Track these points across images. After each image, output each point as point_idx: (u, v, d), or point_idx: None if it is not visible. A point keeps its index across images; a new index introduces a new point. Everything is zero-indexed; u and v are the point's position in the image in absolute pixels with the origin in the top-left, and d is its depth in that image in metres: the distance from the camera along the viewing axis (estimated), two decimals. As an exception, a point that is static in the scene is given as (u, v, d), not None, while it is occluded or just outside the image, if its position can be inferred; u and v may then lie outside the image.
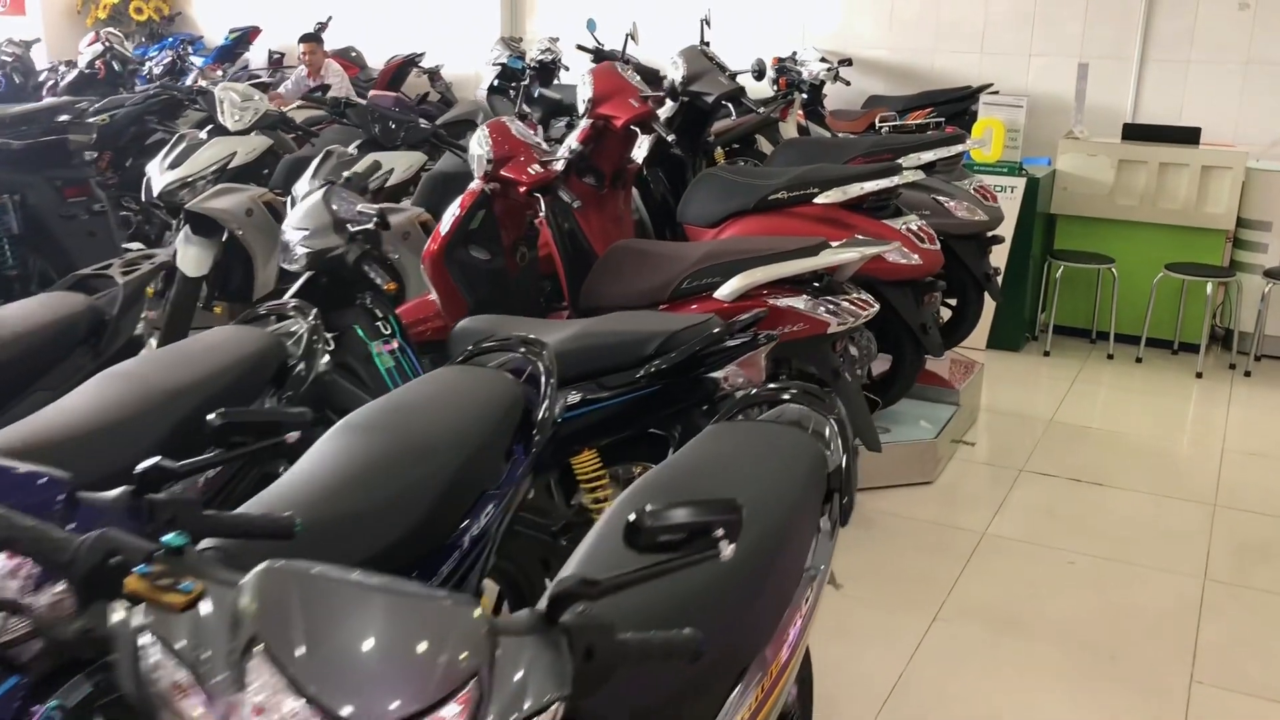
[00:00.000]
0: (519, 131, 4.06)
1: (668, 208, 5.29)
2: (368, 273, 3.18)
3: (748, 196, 4.39)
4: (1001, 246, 5.88)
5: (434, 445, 2.03)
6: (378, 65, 10.41)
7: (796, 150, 5.11)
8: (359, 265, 3.19)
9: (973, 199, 4.80)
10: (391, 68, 10.18)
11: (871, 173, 4.24)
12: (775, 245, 3.78)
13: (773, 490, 1.82)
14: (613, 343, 2.77)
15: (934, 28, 8.45)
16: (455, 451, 2.04)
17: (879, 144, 4.90)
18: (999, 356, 6.13)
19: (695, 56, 5.23)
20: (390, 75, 10.17)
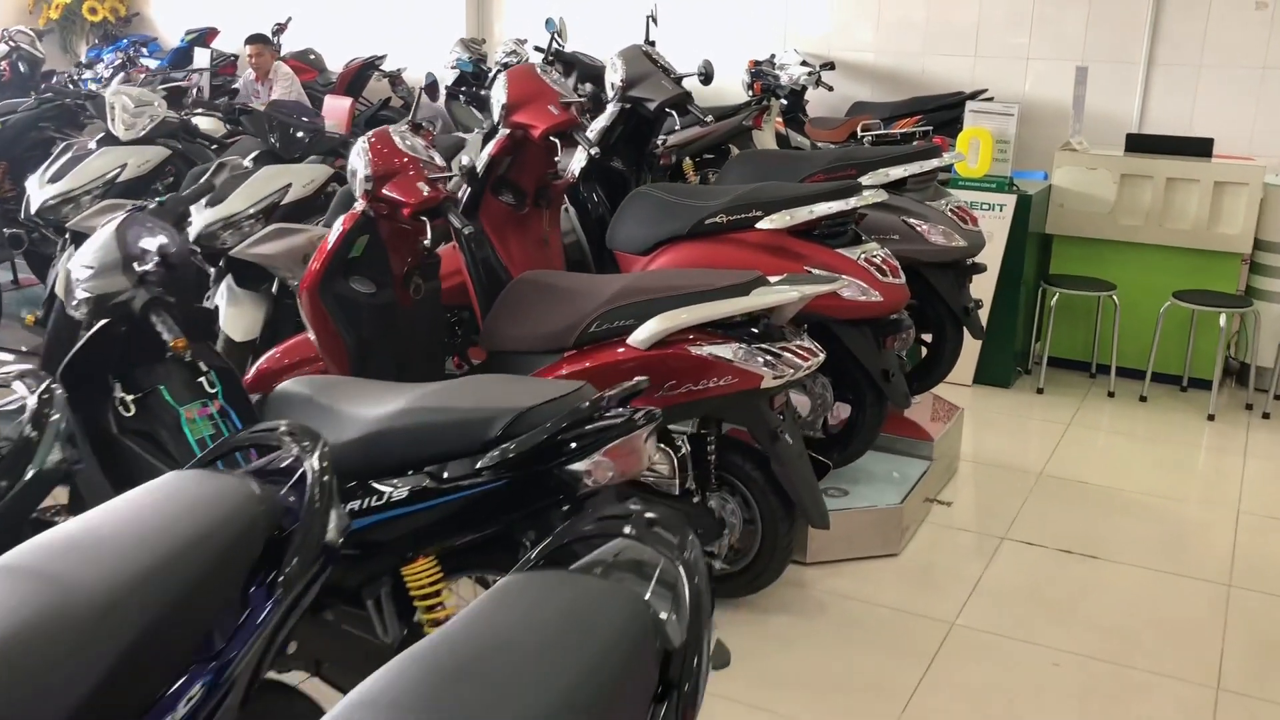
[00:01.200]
0: (406, 144, 3.44)
1: (607, 229, 4.67)
2: (155, 324, 2.54)
3: (682, 220, 3.76)
4: (989, 271, 5.26)
5: (109, 601, 1.40)
6: (339, 68, 9.81)
7: (750, 164, 4.48)
8: (146, 313, 2.55)
9: (950, 222, 4.16)
10: (350, 71, 9.59)
11: (825, 193, 3.61)
12: (704, 281, 3.15)
13: (566, 701, 1.19)
14: (448, 422, 2.14)
15: (923, 29, 7.82)
16: (137, 611, 1.42)
17: (842, 158, 4.27)
18: (986, 394, 5.49)
19: (636, 58, 4.61)
20: (349, 79, 9.58)
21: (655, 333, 3.06)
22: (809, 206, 3.55)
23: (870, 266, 3.59)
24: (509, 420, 2.10)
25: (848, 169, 4.21)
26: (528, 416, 2.10)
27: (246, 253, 4.44)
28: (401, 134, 3.47)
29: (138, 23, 11.51)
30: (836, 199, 3.58)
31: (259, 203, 4.47)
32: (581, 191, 4.62)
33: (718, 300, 3.05)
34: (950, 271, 4.24)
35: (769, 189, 3.74)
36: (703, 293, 3.08)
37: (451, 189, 3.93)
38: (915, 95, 7.64)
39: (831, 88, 7.81)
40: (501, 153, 4.01)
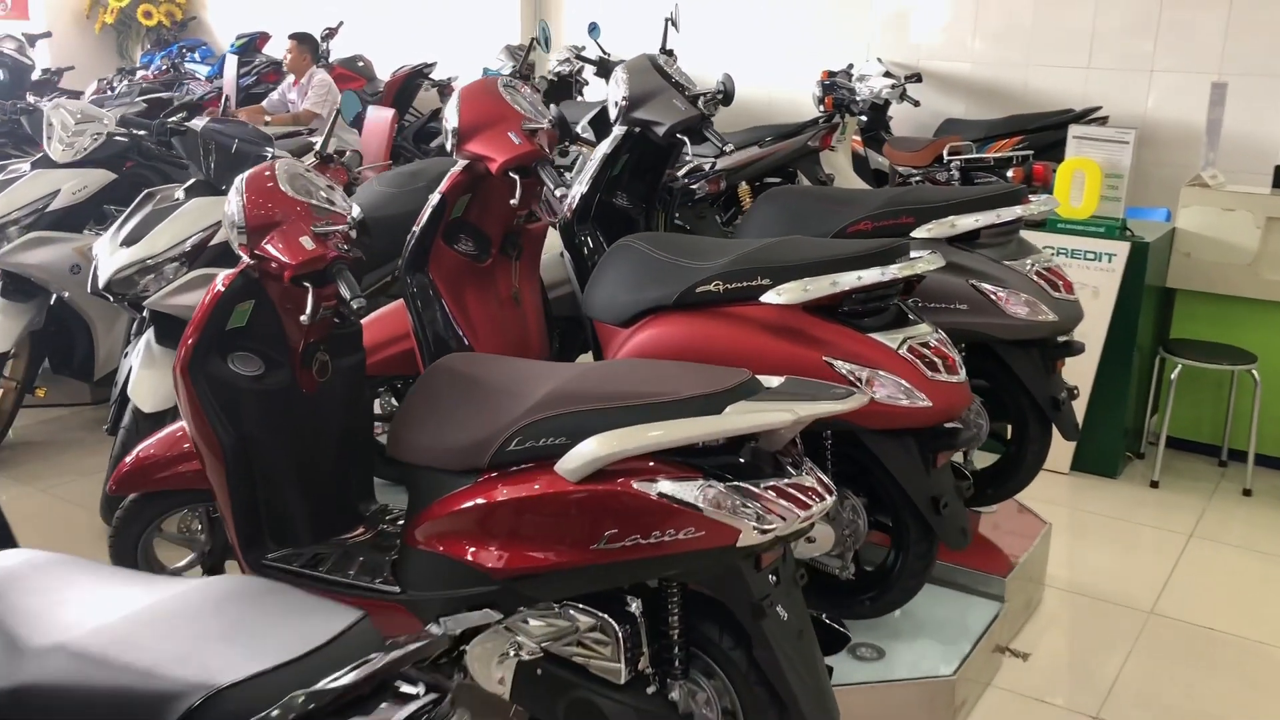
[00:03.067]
0: (293, 185, 2.62)
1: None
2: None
3: (669, 284, 2.86)
4: (1093, 333, 4.23)
5: None
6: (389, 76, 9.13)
7: (780, 206, 3.54)
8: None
9: (1035, 288, 3.17)
10: (397, 80, 8.88)
11: (858, 256, 2.66)
12: (670, 384, 2.24)
13: None
14: (92, 696, 1.27)
15: (1028, 36, 6.75)
16: None
17: (896, 201, 3.30)
18: (1085, 486, 4.45)
19: (642, 71, 3.71)
20: (396, 88, 8.87)
21: (589, 461, 2.16)
22: (832, 277, 2.61)
23: (917, 359, 2.64)
24: (192, 707, 1.22)
25: (902, 215, 3.26)
26: (222, 701, 1.22)
27: (164, 304, 3.69)
28: (291, 174, 2.65)
29: (194, 27, 11.05)
30: (873, 264, 2.64)
31: (182, 242, 3.72)
32: (578, 235, 3.75)
33: (679, 419, 2.14)
34: (1036, 352, 3.25)
35: (786, 246, 2.82)
36: (663, 404, 2.17)
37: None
38: (1016, 113, 6.59)
39: (918, 103, 6.79)
40: (455, 190, 3.16)
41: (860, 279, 2.59)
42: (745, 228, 3.55)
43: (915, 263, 2.67)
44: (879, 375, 2.61)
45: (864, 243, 2.75)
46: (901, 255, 2.71)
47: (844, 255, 2.66)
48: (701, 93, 3.69)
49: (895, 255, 2.69)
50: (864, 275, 2.60)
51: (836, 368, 2.62)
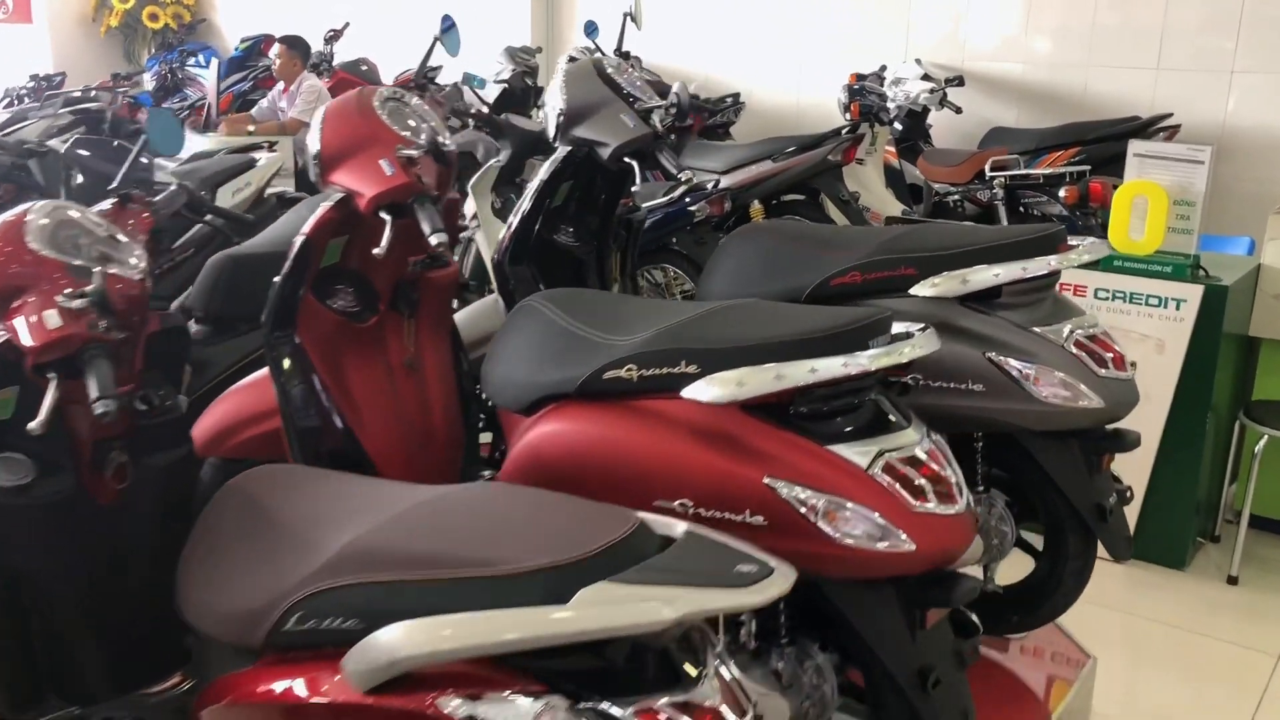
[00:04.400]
0: (43, 237, 1.95)
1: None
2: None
3: (573, 365, 2.14)
4: (1158, 396, 3.46)
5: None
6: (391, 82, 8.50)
7: (753, 249, 2.79)
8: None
9: (1076, 364, 2.40)
10: (400, 85, 8.25)
11: (814, 339, 1.92)
12: (521, 540, 1.53)
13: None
14: None
15: (1089, 33, 5.94)
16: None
17: (895, 244, 2.54)
18: (1145, 580, 3.65)
19: (584, 78, 2.99)
20: (400, 94, 8.22)
21: (380, 665, 1.46)
22: (776, 367, 1.87)
23: (897, 484, 1.89)
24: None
25: (901, 265, 2.50)
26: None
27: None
28: (42, 219, 1.98)
29: (204, 30, 10.54)
30: (837, 348, 1.90)
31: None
32: (511, 279, 3.05)
33: (510, 610, 1.42)
34: (1075, 446, 2.48)
35: (727, 318, 2.08)
36: (496, 580, 1.46)
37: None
38: (1073, 120, 5.76)
39: (960, 109, 6.00)
40: (324, 231, 2.48)
41: (814, 372, 1.85)
42: (707, 278, 2.82)
43: (896, 349, 1.92)
44: (842, 507, 1.87)
45: (832, 316, 2.00)
46: (879, 332, 1.97)
47: (798, 335, 1.92)
48: (657, 105, 2.96)
49: (872, 333, 1.95)
50: (820, 367, 1.85)
51: (781, 493, 1.88)
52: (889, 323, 2.00)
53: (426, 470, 2.71)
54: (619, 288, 3.20)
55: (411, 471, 2.66)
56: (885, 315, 1.99)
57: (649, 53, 7.60)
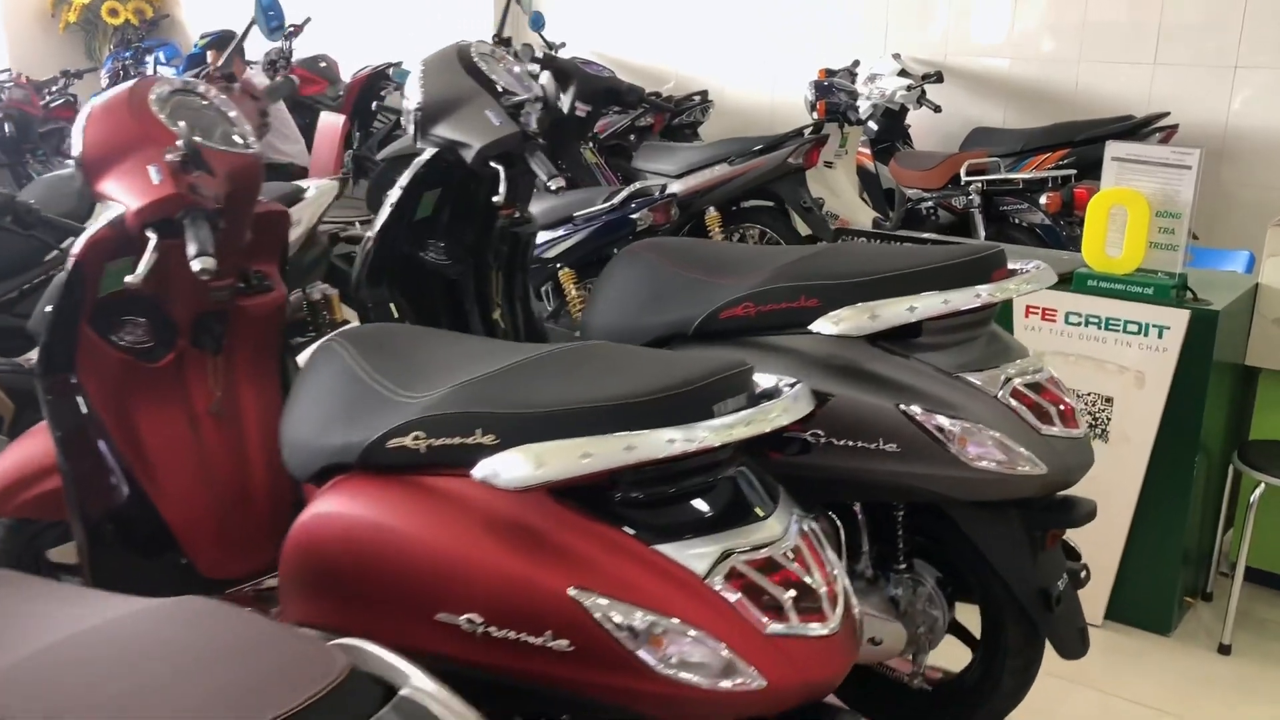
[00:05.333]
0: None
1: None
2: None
3: (358, 428, 1.68)
4: (1139, 438, 3.00)
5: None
6: (354, 79, 8.10)
7: (641, 270, 2.32)
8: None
9: (1012, 421, 1.94)
10: (357, 83, 7.87)
11: (645, 402, 1.46)
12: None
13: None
14: None
15: (1079, 26, 5.46)
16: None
17: (793, 272, 2.08)
18: (1126, 648, 3.17)
19: (446, 69, 2.54)
20: (357, 92, 7.86)
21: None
22: (582, 443, 1.41)
23: (748, 600, 1.43)
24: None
25: (800, 295, 2.04)
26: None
27: None
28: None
29: (167, 26, 10.14)
30: (673, 414, 1.44)
31: None
32: (368, 303, 2.60)
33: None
34: (1015, 519, 2.01)
35: (550, 368, 1.62)
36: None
37: None
38: (1063, 120, 5.28)
39: (938, 108, 5.53)
40: (99, 252, 2.04)
41: (631, 450, 1.39)
42: (589, 307, 2.36)
43: (745, 420, 1.46)
44: (669, 631, 1.41)
45: (675, 370, 1.54)
46: (731, 392, 1.51)
47: (621, 399, 1.46)
48: (527, 98, 2.50)
49: (719, 394, 1.49)
50: (638, 443, 1.39)
51: (590, 609, 1.42)
52: (745, 379, 1.55)
53: (242, 540, 2.27)
54: (501, 313, 2.74)
55: (223, 541, 2.22)
56: (738, 370, 1.53)
57: (612, 48, 7.16)
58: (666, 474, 1.47)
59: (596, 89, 5.38)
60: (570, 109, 5.42)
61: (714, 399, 1.48)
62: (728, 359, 1.56)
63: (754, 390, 1.58)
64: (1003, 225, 4.75)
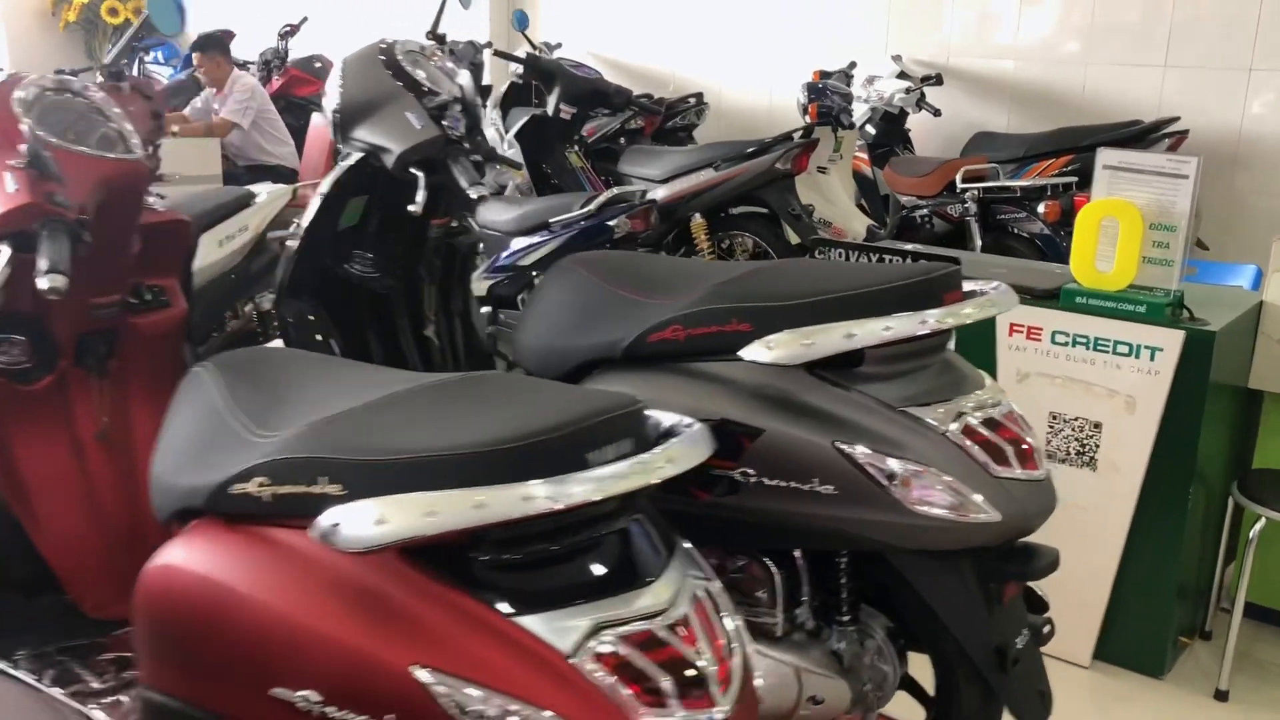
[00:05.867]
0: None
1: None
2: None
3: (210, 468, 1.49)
4: (1131, 463, 2.80)
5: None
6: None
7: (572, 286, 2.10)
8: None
9: (962, 461, 1.73)
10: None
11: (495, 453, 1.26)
12: None
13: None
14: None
15: (1087, 26, 5.24)
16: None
17: (726, 293, 1.88)
18: (1115, 692, 2.96)
19: (368, 67, 2.35)
20: (351, 93, 7.66)
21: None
22: (428, 498, 1.22)
23: (620, 684, 1.23)
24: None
25: (731, 319, 1.84)
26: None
27: None
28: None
29: (166, 25, 10.02)
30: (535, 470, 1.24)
31: None
32: (287, 319, 2.42)
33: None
34: (968, 569, 1.81)
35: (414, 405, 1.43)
36: None
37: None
38: (1069, 124, 5.06)
39: (938, 111, 5.32)
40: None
41: (481, 509, 1.20)
42: (519, 326, 2.17)
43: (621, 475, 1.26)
44: (523, 717, 1.21)
45: (566, 404, 1.35)
46: (611, 438, 1.32)
47: (478, 447, 1.27)
48: (451, 100, 2.30)
49: (594, 441, 1.30)
50: (490, 502, 1.20)
51: (436, 692, 1.23)
52: (632, 421, 1.36)
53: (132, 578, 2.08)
54: (435, 330, 2.55)
55: (110, 580, 2.04)
56: (623, 411, 1.34)
57: (610, 49, 6.98)
58: (533, 533, 1.28)
59: (582, 90, 5.20)
60: (555, 111, 5.29)
61: (589, 446, 1.28)
62: (614, 398, 1.36)
63: (645, 433, 1.39)
64: (1000, 235, 4.53)
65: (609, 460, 1.28)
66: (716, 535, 1.87)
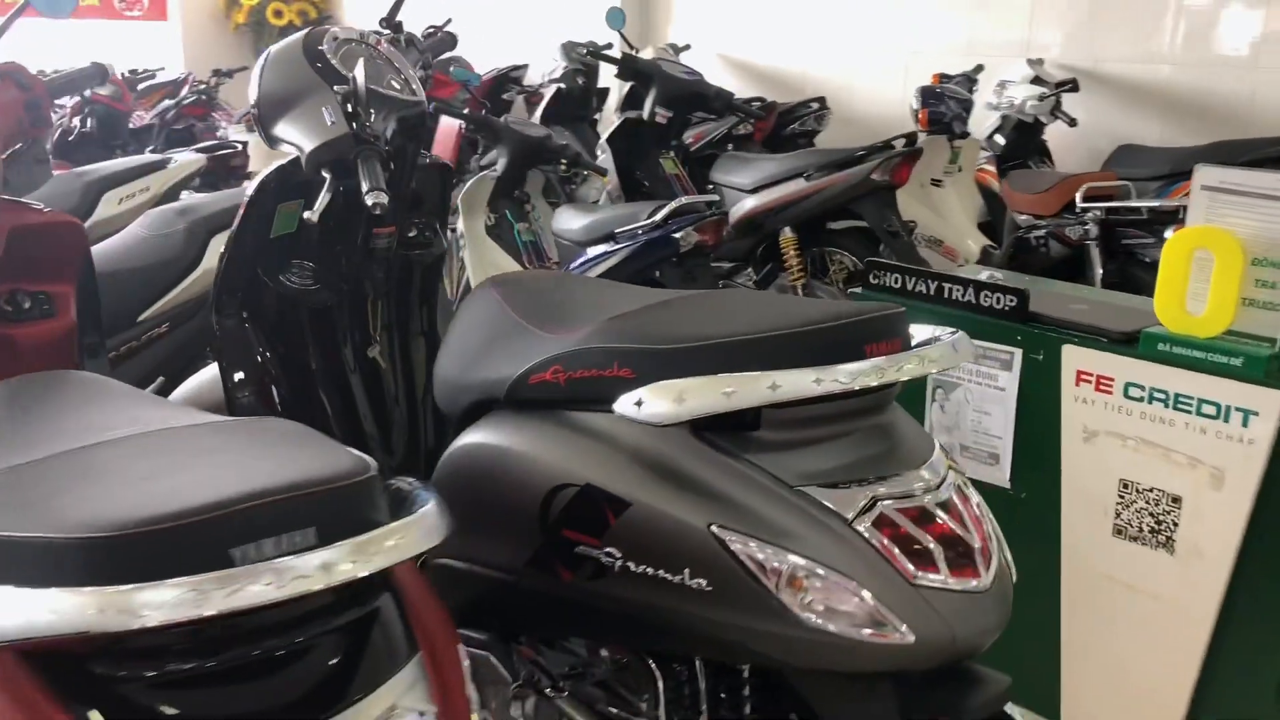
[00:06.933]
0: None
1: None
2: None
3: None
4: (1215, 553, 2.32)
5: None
6: (492, 82, 7.90)
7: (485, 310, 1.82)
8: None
9: (869, 561, 1.34)
10: (483, 87, 7.62)
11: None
12: None
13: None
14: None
15: (1258, 25, 4.59)
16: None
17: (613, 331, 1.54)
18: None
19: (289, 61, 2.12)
20: (482, 95, 7.60)
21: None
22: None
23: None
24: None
25: (614, 363, 1.50)
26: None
27: None
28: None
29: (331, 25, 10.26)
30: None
31: None
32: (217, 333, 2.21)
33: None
34: (889, 699, 1.41)
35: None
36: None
37: None
38: (1227, 138, 4.44)
39: (1074, 120, 4.76)
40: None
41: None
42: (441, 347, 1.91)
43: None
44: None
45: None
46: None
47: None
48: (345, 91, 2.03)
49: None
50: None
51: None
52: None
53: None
54: (381, 351, 2.30)
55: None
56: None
57: (737, 50, 6.64)
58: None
59: (680, 93, 4.90)
60: (650, 114, 5.00)
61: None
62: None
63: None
64: (1126, 262, 3.97)
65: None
66: (584, 625, 1.54)
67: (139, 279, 3.05)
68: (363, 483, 1.08)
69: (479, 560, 1.62)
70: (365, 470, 1.09)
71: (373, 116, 2.00)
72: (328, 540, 1.01)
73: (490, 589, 1.61)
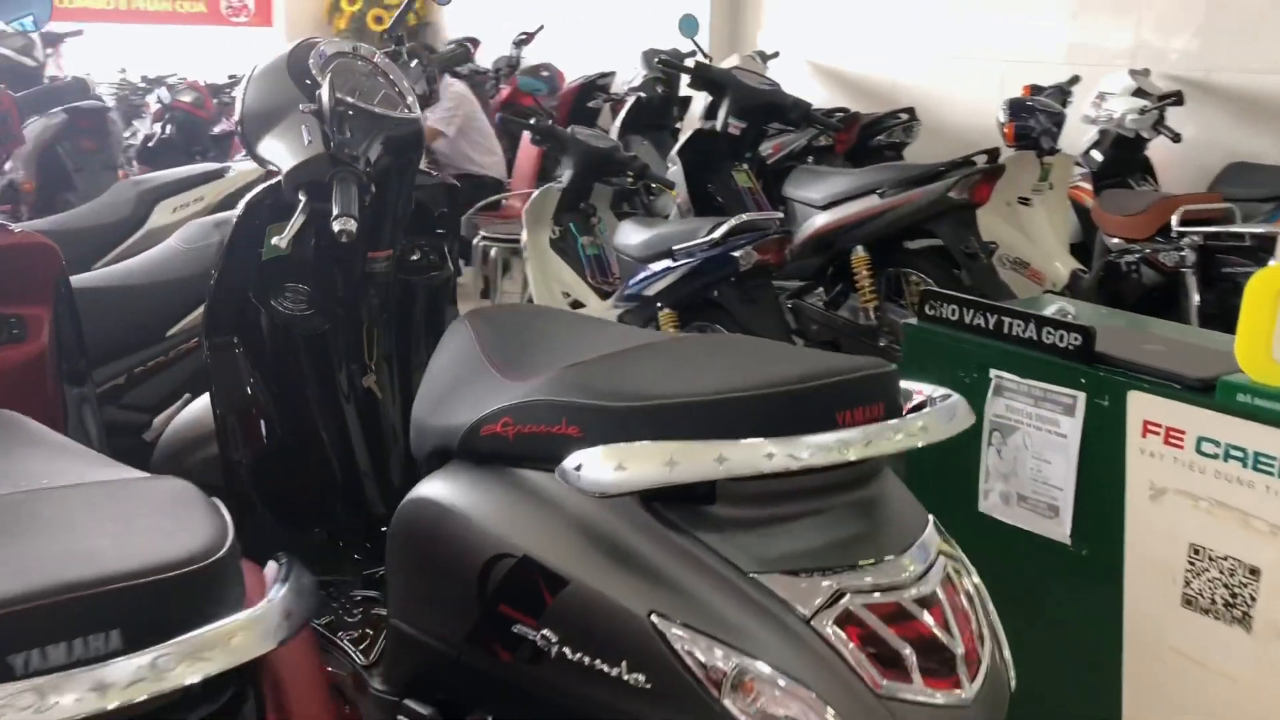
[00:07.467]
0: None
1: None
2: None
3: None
4: None
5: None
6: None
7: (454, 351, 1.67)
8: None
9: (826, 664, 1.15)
10: (569, 95, 7.54)
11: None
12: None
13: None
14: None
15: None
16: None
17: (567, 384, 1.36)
18: None
19: (272, 76, 1.99)
20: (568, 106, 7.51)
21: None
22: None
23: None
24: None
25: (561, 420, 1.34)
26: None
27: None
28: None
29: (429, 33, 10.32)
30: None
31: None
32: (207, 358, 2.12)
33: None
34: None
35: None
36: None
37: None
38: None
39: (1178, 136, 4.42)
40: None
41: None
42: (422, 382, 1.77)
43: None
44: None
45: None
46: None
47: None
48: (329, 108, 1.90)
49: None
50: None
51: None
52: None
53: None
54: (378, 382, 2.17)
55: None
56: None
57: (828, 57, 6.41)
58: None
59: (754, 103, 4.69)
60: (723, 125, 4.81)
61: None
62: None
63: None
64: (1226, 292, 3.63)
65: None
66: (525, 709, 1.38)
67: (171, 292, 2.99)
68: (196, 571, 0.93)
69: (422, 627, 1.48)
70: (208, 555, 0.94)
71: (349, 135, 1.86)
72: (135, 644, 0.87)
73: (434, 660, 1.46)
